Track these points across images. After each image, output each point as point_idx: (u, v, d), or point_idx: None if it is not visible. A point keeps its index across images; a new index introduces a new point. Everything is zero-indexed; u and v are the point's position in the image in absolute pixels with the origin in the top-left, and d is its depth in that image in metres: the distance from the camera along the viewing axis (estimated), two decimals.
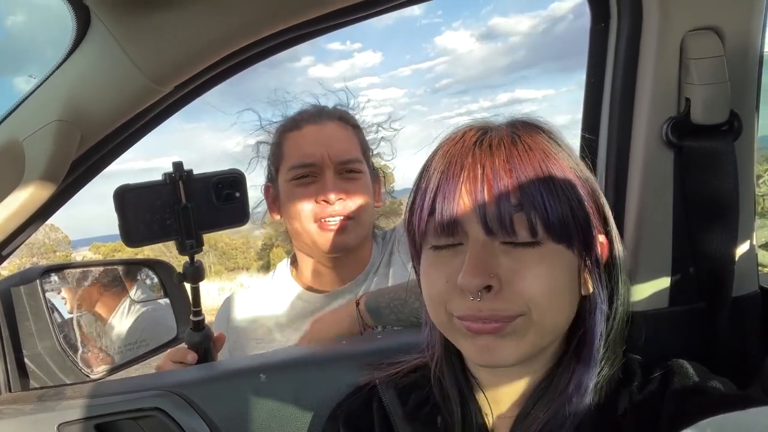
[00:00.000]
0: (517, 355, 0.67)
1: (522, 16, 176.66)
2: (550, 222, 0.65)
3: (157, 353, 1.37)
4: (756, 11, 0.85)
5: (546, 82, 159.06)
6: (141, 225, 1.03)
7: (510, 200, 0.65)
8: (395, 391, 0.84)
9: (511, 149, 0.67)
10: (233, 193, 1.09)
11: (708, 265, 0.91)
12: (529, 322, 0.66)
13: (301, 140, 1.36)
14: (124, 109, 0.94)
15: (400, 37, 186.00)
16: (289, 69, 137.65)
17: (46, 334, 1.16)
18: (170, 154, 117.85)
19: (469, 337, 0.68)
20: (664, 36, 0.86)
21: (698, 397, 0.67)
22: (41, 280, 1.18)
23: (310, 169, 1.32)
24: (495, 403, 0.76)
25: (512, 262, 0.66)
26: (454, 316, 0.69)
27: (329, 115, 1.40)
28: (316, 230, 1.32)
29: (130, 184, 1.02)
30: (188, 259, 1.10)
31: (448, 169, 0.69)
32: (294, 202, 1.33)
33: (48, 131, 0.89)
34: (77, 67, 0.91)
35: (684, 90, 0.87)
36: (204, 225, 1.07)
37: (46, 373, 1.15)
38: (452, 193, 0.67)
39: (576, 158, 0.73)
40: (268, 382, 0.97)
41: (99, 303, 1.37)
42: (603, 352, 0.73)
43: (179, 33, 0.86)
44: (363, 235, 1.38)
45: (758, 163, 2.08)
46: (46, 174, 0.90)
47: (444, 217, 0.67)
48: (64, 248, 32.16)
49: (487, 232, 0.66)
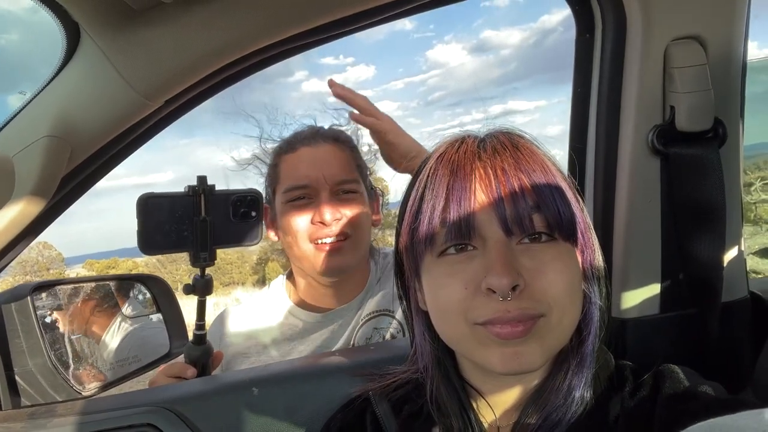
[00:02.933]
0: (540, 359, 0.67)
1: (513, 29, 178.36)
2: (562, 221, 0.67)
3: (149, 369, 1.35)
4: (737, 20, 0.87)
5: (538, 94, 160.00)
6: (159, 233, 1.04)
7: (527, 200, 0.66)
8: (389, 404, 0.83)
9: (516, 152, 0.69)
10: (250, 212, 1.11)
11: (697, 271, 0.92)
12: (549, 323, 0.66)
13: (296, 162, 1.36)
14: (114, 123, 0.94)
15: (393, 51, 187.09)
16: (282, 84, 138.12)
17: (38, 352, 1.15)
18: (165, 170, 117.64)
19: (495, 345, 0.67)
20: (647, 45, 0.88)
21: (689, 402, 0.67)
22: (32, 297, 1.17)
23: (305, 191, 1.33)
24: (495, 409, 0.76)
25: (532, 261, 0.66)
26: (476, 324, 0.67)
27: (324, 136, 1.41)
28: (312, 251, 1.32)
29: (155, 192, 1.04)
30: (199, 271, 1.11)
31: (457, 172, 0.68)
32: (290, 223, 1.33)
33: (38, 147, 0.89)
34: (67, 82, 0.92)
35: (668, 98, 0.89)
36: (219, 240, 1.08)
37: (37, 391, 1.14)
38: (467, 195, 0.67)
39: (561, 167, 0.74)
40: (261, 396, 0.97)
41: (91, 319, 1.36)
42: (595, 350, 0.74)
43: (169, 48, 0.87)
44: (360, 256, 1.38)
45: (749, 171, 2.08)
46: (37, 190, 0.90)
47: (460, 218, 0.67)
48: (57, 266, 31.93)
49: (507, 232, 0.66)
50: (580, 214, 0.71)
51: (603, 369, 0.74)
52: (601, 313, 0.75)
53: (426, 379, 0.80)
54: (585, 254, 0.72)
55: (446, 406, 0.77)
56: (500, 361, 0.67)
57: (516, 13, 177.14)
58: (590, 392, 0.72)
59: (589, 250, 0.73)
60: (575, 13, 0.98)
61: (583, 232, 0.71)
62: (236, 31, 0.88)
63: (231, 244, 1.12)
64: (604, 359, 0.75)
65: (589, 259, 0.73)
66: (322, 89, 13.16)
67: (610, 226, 0.96)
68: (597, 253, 0.75)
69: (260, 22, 0.88)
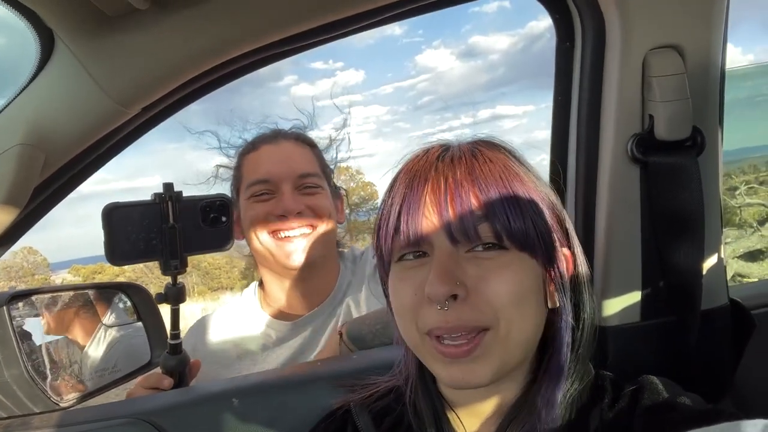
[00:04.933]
0: (488, 375, 0.67)
1: (501, 35, 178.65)
2: (512, 231, 0.66)
3: (130, 379, 1.33)
4: (715, 29, 0.87)
5: (525, 99, 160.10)
6: (126, 243, 1.02)
7: (473, 209, 0.66)
8: (369, 415, 0.83)
9: (472, 161, 0.69)
10: (220, 217, 1.09)
11: (677, 278, 0.92)
12: (497, 337, 0.66)
13: (257, 159, 1.38)
14: (89, 131, 0.93)
15: (382, 56, 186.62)
16: (271, 88, 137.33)
17: (14, 362, 1.12)
18: (153, 174, 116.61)
19: (440, 361, 0.68)
20: (626, 54, 0.88)
21: (668, 413, 0.67)
22: (8, 307, 1.15)
23: (267, 186, 1.34)
24: (468, 422, 0.76)
25: (478, 270, 0.66)
26: (425, 335, 0.68)
27: (285, 135, 1.43)
28: (273, 244, 1.32)
29: (119, 203, 1.02)
30: (171, 279, 1.09)
31: (412, 183, 0.70)
32: (252, 218, 1.34)
33: (10, 155, 0.87)
34: (41, 89, 0.90)
35: (647, 107, 0.89)
36: (189, 247, 1.07)
37: (13, 403, 1.12)
38: (417, 204, 0.68)
39: (536, 174, 0.74)
40: (241, 407, 0.95)
41: (70, 329, 1.34)
42: (573, 366, 0.73)
43: (144, 55, 0.86)
44: (324, 251, 1.38)
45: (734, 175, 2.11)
46: (9, 198, 0.88)
47: (409, 228, 0.68)
48: (42, 271, 31.57)
49: (452, 241, 0.67)
50: (548, 223, 0.70)
51: (581, 377, 0.74)
52: (583, 324, 0.74)
53: (407, 384, 0.80)
54: (554, 265, 0.71)
55: (422, 413, 0.77)
56: (446, 375, 0.68)
57: (504, 19, 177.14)
58: (568, 409, 0.71)
59: (559, 260, 0.71)
60: (555, 21, 0.98)
61: (547, 242, 0.69)
62: (214, 38, 0.87)
63: (202, 251, 1.11)
64: (585, 370, 0.75)
65: (558, 269, 0.71)
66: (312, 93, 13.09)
67: (590, 234, 0.96)
68: (569, 263, 0.74)
69: (238, 28, 0.88)
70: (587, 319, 0.75)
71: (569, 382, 0.72)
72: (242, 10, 0.85)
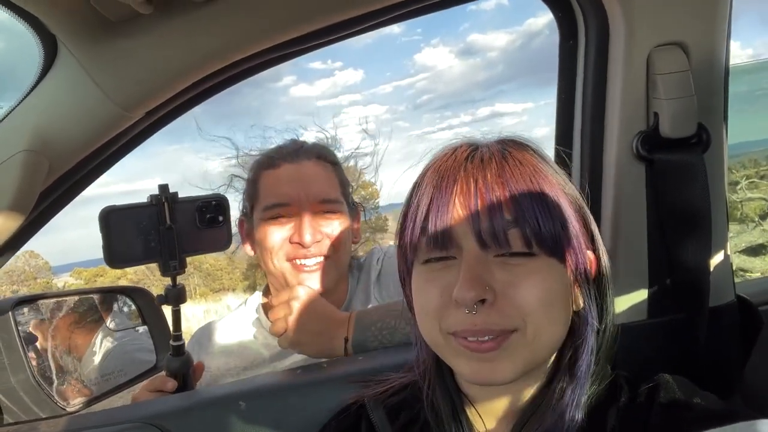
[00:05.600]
0: (512, 373, 0.67)
1: (499, 32, 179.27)
2: (542, 236, 0.65)
3: (136, 383, 1.33)
4: (719, 26, 0.87)
5: (524, 96, 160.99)
6: (124, 246, 1.02)
7: (503, 214, 0.65)
8: (384, 411, 0.82)
9: (502, 163, 0.68)
10: (216, 217, 1.08)
11: (684, 276, 0.92)
12: (524, 339, 0.66)
13: (277, 179, 1.32)
14: (93, 136, 0.93)
15: (381, 55, 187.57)
16: (271, 89, 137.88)
17: (20, 368, 1.12)
18: (153, 176, 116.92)
19: (464, 356, 0.67)
20: (630, 52, 0.88)
21: (683, 412, 0.67)
22: (13, 312, 1.15)
23: (285, 209, 1.30)
24: (487, 419, 0.75)
25: (507, 275, 0.66)
26: (449, 334, 0.68)
27: (307, 153, 1.37)
28: (290, 270, 1.30)
29: (116, 206, 1.02)
30: (170, 281, 1.09)
31: (441, 183, 0.69)
32: (268, 240, 1.30)
33: (15, 162, 0.87)
34: (45, 96, 0.90)
35: (652, 104, 0.89)
36: (187, 247, 1.06)
37: (20, 408, 1.12)
38: (445, 207, 0.67)
39: (563, 176, 0.73)
40: (248, 410, 0.95)
41: (75, 333, 1.34)
42: (594, 368, 0.73)
43: (148, 59, 0.85)
44: (338, 274, 1.35)
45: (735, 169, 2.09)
46: (14, 205, 0.88)
47: (437, 230, 0.67)
48: (44, 275, 31.57)
49: (481, 245, 0.66)
50: (576, 227, 0.69)
51: (600, 379, 0.74)
52: (606, 326, 0.74)
53: (424, 380, 0.80)
54: (579, 269, 0.70)
55: (440, 410, 0.76)
56: (470, 371, 0.68)
57: (502, 16, 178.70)
58: (587, 403, 0.71)
59: (585, 263, 0.71)
60: (558, 19, 0.98)
61: (575, 246, 0.69)
62: (217, 41, 0.87)
63: (200, 251, 1.10)
64: (604, 372, 0.75)
65: (584, 272, 0.71)
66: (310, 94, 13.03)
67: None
68: (593, 265, 0.73)
69: (241, 31, 0.88)
70: (609, 321, 0.75)
71: (587, 389, 0.72)
72: (245, 13, 0.85)
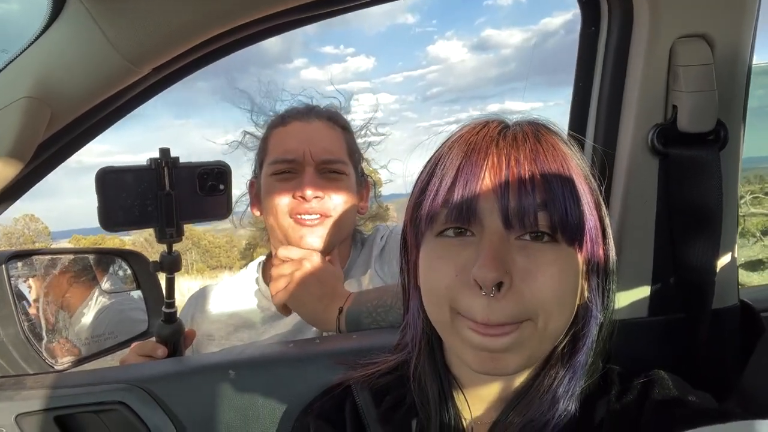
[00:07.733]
0: (517, 365, 0.65)
1: (514, 30, 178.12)
2: (567, 223, 0.63)
3: (125, 346, 1.32)
4: (746, 20, 0.85)
5: (534, 95, 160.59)
6: (120, 209, 0.99)
7: (534, 196, 0.63)
8: (370, 393, 0.81)
9: (536, 145, 0.65)
10: (218, 185, 1.06)
11: (689, 275, 0.90)
12: (534, 329, 0.64)
13: (285, 136, 1.34)
14: (98, 88, 0.90)
15: (394, 44, 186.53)
16: (281, 70, 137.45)
17: (10, 322, 1.11)
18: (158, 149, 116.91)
19: (470, 345, 0.65)
20: (653, 41, 0.85)
21: (676, 409, 0.66)
22: (7, 266, 1.14)
23: (290, 165, 1.30)
24: (473, 404, 0.74)
25: (527, 261, 0.63)
26: (459, 314, 0.65)
27: (318, 114, 1.38)
28: (290, 225, 1.29)
29: (113, 166, 0.99)
30: (166, 248, 1.07)
31: (471, 155, 0.66)
32: (272, 196, 1.31)
33: (16, 108, 0.85)
34: (51, 43, 0.88)
35: (671, 97, 0.87)
36: (186, 215, 1.04)
37: (7, 362, 1.11)
38: (475, 178, 0.64)
39: (587, 166, 0.71)
40: (238, 380, 0.94)
41: (68, 292, 1.33)
42: (590, 362, 0.71)
43: (158, 14, 0.83)
44: (339, 238, 1.35)
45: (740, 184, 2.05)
46: (13, 151, 0.86)
47: (463, 199, 0.64)
48: (43, 239, 31.71)
49: (506, 224, 0.63)
50: (594, 219, 0.67)
51: (592, 373, 0.72)
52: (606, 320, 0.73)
53: (412, 358, 0.78)
54: (592, 261, 0.68)
55: (427, 390, 0.75)
56: (475, 360, 0.65)
57: (518, 13, 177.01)
58: (576, 403, 0.70)
59: (597, 257, 0.69)
60: (581, 5, 0.95)
61: (593, 238, 0.67)
62: (226, 3, 0.85)
63: (198, 219, 1.08)
64: (595, 362, 0.73)
65: (596, 266, 0.69)
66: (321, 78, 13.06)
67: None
68: (609, 257, 0.72)
69: None
70: (609, 316, 0.73)
71: (581, 382, 0.70)
72: None
